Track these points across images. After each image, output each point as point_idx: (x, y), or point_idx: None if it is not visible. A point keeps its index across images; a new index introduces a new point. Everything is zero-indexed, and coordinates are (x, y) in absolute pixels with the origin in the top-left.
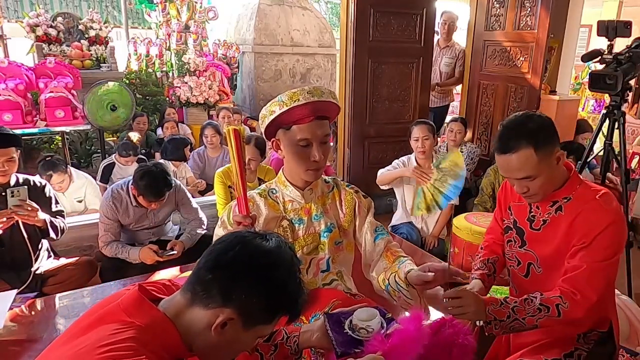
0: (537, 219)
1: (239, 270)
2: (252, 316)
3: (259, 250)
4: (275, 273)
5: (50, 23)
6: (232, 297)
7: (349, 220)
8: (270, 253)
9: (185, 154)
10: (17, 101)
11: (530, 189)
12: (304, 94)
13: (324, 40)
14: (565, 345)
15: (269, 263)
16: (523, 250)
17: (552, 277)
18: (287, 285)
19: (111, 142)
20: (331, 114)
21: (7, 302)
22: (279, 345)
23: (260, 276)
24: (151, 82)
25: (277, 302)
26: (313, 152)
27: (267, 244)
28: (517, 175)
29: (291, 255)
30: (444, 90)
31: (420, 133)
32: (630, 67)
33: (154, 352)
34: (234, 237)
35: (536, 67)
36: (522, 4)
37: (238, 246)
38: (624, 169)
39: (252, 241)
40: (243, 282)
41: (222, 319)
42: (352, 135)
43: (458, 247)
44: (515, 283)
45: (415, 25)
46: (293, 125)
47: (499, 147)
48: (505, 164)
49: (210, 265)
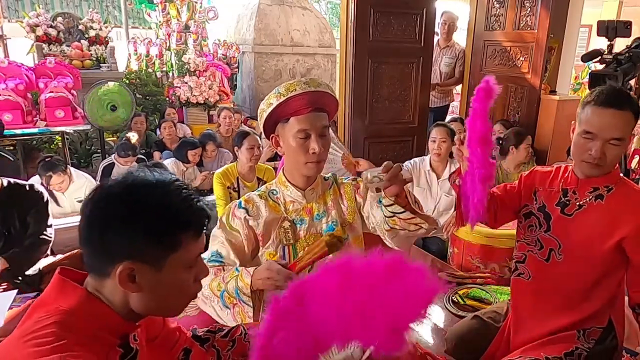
0: (572, 204)
1: (101, 224)
2: (150, 254)
3: (109, 198)
4: (136, 206)
5: (50, 23)
6: (113, 253)
7: (352, 211)
8: (120, 193)
9: (189, 156)
10: (17, 101)
11: (606, 156)
12: (300, 84)
13: (324, 40)
14: (565, 343)
15: (125, 200)
16: (547, 235)
17: (573, 266)
18: (158, 206)
19: (111, 142)
20: (329, 107)
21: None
22: (237, 340)
23: (123, 217)
24: (151, 82)
25: (162, 228)
26: (312, 144)
27: (114, 187)
28: (612, 133)
29: (153, 177)
30: (444, 90)
31: (438, 135)
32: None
33: (84, 334)
34: (84, 206)
35: (536, 67)
36: (522, 4)
37: (88, 208)
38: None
39: (100, 195)
40: (111, 233)
41: (123, 276)
42: (352, 135)
43: (458, 247)
44: (532, 268)
45: (415, 25)
46: (291, 118)
47: (604, 101)
48: (604, 119)
49: (81, 241)
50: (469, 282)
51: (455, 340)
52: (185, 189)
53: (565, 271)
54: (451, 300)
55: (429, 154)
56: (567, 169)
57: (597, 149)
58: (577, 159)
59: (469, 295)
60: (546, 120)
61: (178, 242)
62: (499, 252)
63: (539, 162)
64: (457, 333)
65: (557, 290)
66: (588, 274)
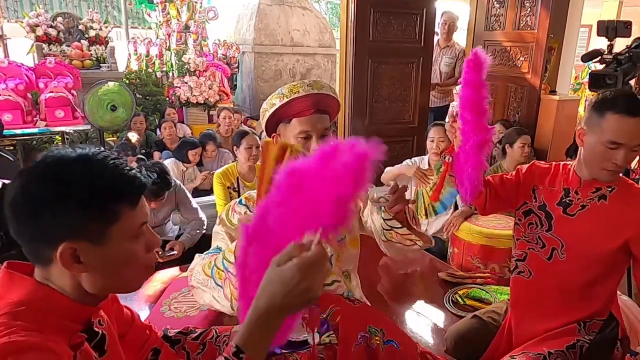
0: (575, 204)
1: (30, 211)
2: (88, 230)
3: (32, 182)
4: (61, 183)
5: (50, 23)
6: (50, 237)
7: None
8: (41, 174)
9: (189, 156)
10: (17, 101)
11: (627, 161)
12: (304, 86)
13: (324, 40)
14: (567, 336)
15: (48, 179)
16: (549, 234)
17: (576, 264)
18: (84, 180)
19: (111, 142)
20: (331, 108)
21: None
22: (207, 344)
23: (50, 198)
24: (151, 82)
25: (94, 201)
26: (313, 145)
27: (34, 169)
28: (638, 140)
29: (73, 152)
30: (444, 90)
31: (436, 134)
32: (630, 67)
33: (38, 323)
34: (7, 196)
35: (536, 67)
36: (522, 4)
37: (11, 197)
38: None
39: (22, 181)
40: (43, 217)
41: (66, 258)
42: (352, 135)
43: (457, 248)
44: (533, 267)
45: (415, 25)
46: (293, 119)
47: (630, 110)
48: (632, 127)
49: (14, 233)
50: (469, 282)
51: (455, 340)
52: (115, 158)
53: (568, 270)
54: (451, 300)
55: (427, 154)
56: (566, 168)
57: (622, 157)
58: (595, 166)
59: (469, 295)
60: (546, 120)
61: (115, 213)
62: (499, 252)
63: None
64: (457, 332)
65: (558, 289)
66: (591, 272)
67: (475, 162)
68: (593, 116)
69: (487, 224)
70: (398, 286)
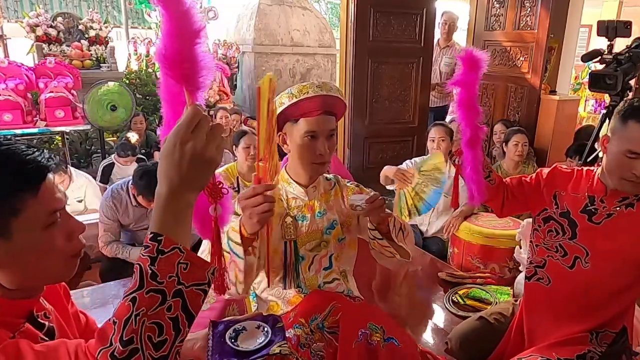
0: (600, 213)
1: None
2: None
3: None
4: None
5: (50, 23)
6: None
7: (352, 215)
8: None
9: None
10: (17, 101)
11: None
12: (313, 87)
13: (324, 40)
14: (579, 345)
15: None
16: (572, 242)
17: (600, 273)
18: None
19: (111, 142)
20: (338, 110)
21: None
22: None
23: None
24: (151, 82)
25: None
26: (319, 146)
27: None
28: None
29: None
30: (444, 91)
31: (437, 134)
32: (630, 67)
33: None
34: None
35: (536, 67)
36: (522, 4)
37: None
38: None
39: None
40: None
41: None
42: (352, 135)
43: (457, 248)
44: (552, 274)
45: (415, 25)
46: (301, 119)
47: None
48: None
49: None
50: (469, 282)
51: (460, 340)
52: (11, 144)
53: (591, 279)
54: (451, 300)
55: (428, 154)
56: (590, 174)
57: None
58: (616, 175)
59: (469, 295)
60: (546, 120)
61: (13, 205)
62: (499, 252)
63: (539, 162)
64: (462, 333)
65: (576, 297)
66: (614, 282)
67: (471, 161)
68: (617, 124)
69: (487, 224)
70: (398, 286)
